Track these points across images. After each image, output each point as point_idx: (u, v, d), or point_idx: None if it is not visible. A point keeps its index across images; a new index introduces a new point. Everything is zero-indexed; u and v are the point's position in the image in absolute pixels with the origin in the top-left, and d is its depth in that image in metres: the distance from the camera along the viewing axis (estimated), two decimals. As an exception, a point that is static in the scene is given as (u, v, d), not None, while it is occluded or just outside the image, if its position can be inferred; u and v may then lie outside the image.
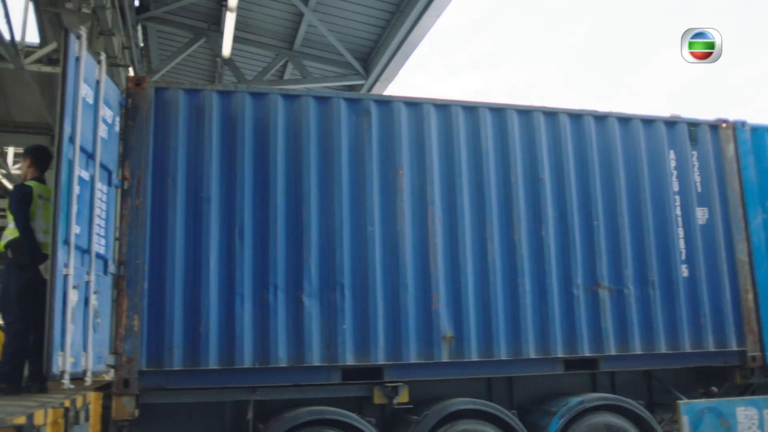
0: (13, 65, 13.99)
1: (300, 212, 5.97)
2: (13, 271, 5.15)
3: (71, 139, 4.85)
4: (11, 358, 4.99)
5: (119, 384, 5.30)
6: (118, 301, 5.50)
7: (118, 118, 5.81)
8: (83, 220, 5.01)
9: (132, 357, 5.38)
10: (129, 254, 5.56)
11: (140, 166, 5.72)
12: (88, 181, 5.15)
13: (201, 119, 5.98)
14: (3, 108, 17.47)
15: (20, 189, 5.26)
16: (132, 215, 5.63)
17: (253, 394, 5.71)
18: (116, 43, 9.06)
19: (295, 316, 5.82)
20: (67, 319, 4.60)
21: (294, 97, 6.24)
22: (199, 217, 5.80)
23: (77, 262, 4.87)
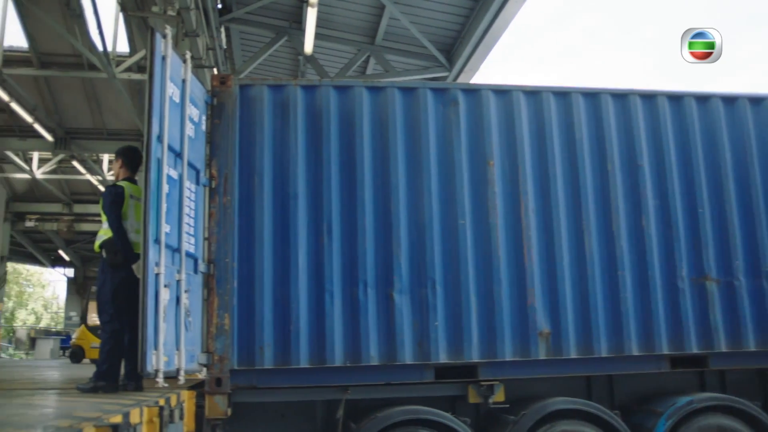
0: (105, 74, 14.51)
1: (388, 206, 5.82)
2: (108, 271, 5.20)
3: (159, 138, 4.85)
4: (108, 356, 5.03)
5: (212, 383, 5.28)
6: (209, 299, 5.49)
7: (204, 116, 5.81)
8: (173, 218, 5.00)
9: (223, 356, 5.35)
10: (218, 253, 5.54)
11: (227, 164, 5.69)
12: (177, 179, 5.14)
13: (286, 115, 5.92)
14: (97, 116, 18.15)
15: (112, 189, 5.31)
16: (220, 213, 5.61)
17: (345, 393, 5.60)
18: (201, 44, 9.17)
19: (386, 313, 5.68)
20: (160, 318, 4.59)
21: (379, 90, 6.09)
22: (287, 213, 5.74)
23: (168, 261, 4.86)
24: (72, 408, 3.66)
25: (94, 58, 14.09)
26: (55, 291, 48.79)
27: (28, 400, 4.11)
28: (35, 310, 48.24)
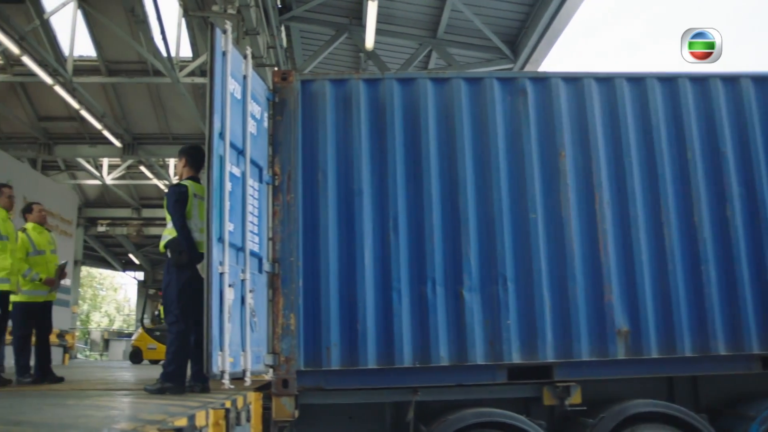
0: (169, 79, 14.72)
1: (456, 201, 5.61)
2: (173, 271, 5.14)
3: (221, 135, 4.76)
4: (174, 357, 4.97)
5: (278, 384, 5.18)
6: (274, 299, 5.39)
7: (266, 113, 5.72)
8: (236, 217, 4.91)
9: (290, 356, 5.24)
10: (283, 251, 5.44)
11: (290, 162, 5.59)
12: (240, 177, 5.05)
13: (349, 110, 5.79)
14: (162, 121, 18.46)
15: (176, 189, 5.26)
16: (284, 212, 5.50)
17: (414, 394, 5.42)
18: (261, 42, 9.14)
19: (456, 311, 5.47)
20: (225, 318, 4.49)
21: (443, 81, 5.90)
22: (352, 210, 5.60)
23: (232, 260, 4.77)
24: (137, 410, 3.59)
25: (158, 63, 14.31)
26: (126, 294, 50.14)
27: (96, 401, 4.07)
28: (108, 313, 49.66)
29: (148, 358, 18.47)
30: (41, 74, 14.47)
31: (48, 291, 6.96)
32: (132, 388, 5.44)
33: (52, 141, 19.17)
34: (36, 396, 4.74)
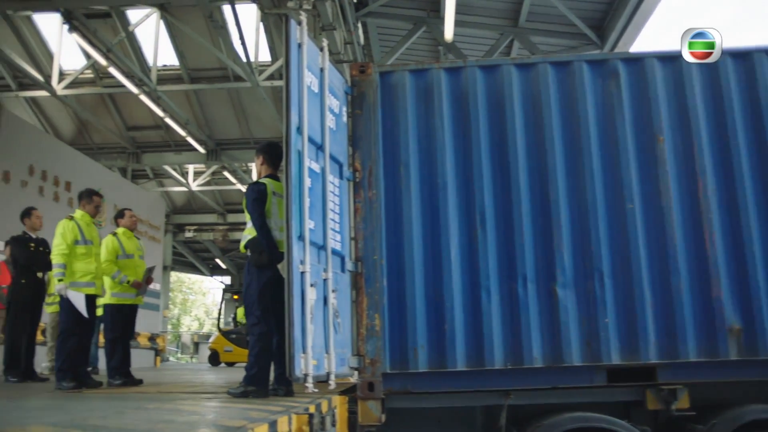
0: (249, 83, 14.86)
1: (546, 192, 5.29)
2: (253, 272, 5.01)
3: (299, 130, 4.61)
4: (256, 360, 4.84)
5: (364, 387, 4.98)
6: (358, 299, 5.20)
7: (345, 107, 5.54)
8: (317, 214, 4.74)
9: (375, 359, 5.04)
10: (365, 250, 5.25)
11: (371, 156, 5.39)
12: (319, 173, 4.88)
13: (430, 100, 5.55)
14: (244, 126, 18.69)
15: (254, 187, 5.13)
16: (366, 208, 5.31)
17: (506, 398, 5.13)
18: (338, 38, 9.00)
19: (549, 309, 5.15)
20: (307, 319, 4.32)
21: (529, 66, 5.58)
22: (436, 205, 5.35)
23: (313, 259, 4.60)
24: (218, 415, 3.45)
25: (238, 68, 14.48)
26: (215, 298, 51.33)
27: (178, 405, 3.97)
28: (198, 317, 51.00)
29: (225, 361, 18.76)
30: (128, 84, 14.87)
31: (135, 294, 7.02)
32: (216, 391, 5.35)
33: (140, 150, 19.72)
34: (121, 399, 4.70)
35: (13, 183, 11.94)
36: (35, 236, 8.02)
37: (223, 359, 18.84)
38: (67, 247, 6.32)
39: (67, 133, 19.54)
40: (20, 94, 16.99)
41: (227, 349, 18.73)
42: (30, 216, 8.10)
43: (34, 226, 8.07)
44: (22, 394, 5.59)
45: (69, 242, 6.34)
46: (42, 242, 7.93)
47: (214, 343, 19.91)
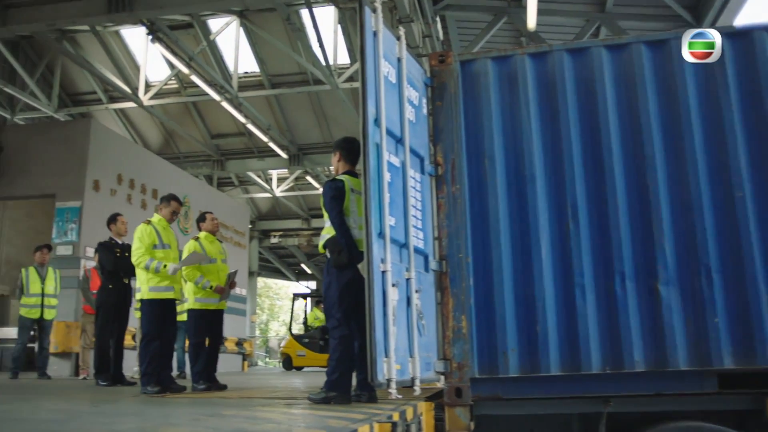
0: (329, 86, 14.83)
1: (644, 181, 4.86)
2: (332, 272, 4.81)
3: (376, 121, 4.38)
4: (337, 365, 4.62)
5: (451, 393, 4.69)
6: (443, 300, 4.92)
7: (425, 99, 5.29)
8: (397, 210, 4.50)
9: (462, 363, 4.74)
10: (450, 248, 4.96)
11: (453, 149, 5.10)
12: (399, 167, 4.64)
13: (514, 88, 5.22)
14: (325, 130, 18.70)
15: (332, 184, 4.93)
16: (449, 204, 5.02)
17: (605, 405, 4.73)
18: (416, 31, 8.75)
19: (651, 309, 4.72)
20: (389, 321, 4.08)
21: (621, 47, 5.16)
22: (524, 198, 5.01)
23: (395, 258, 4.35)
24: (295, 423, 3.25)
25: (317, 71, 14.47)
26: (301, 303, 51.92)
27: (256, 411, 3.80)
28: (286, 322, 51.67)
29: (298, 365, 18.78)
30: (210, 92, 15.09)
31: (219, 299, 6.95)
32: (298, 397, 5.18)
33: (224, 157, 20.06)
34: (201, 404, 4.59)
35: (103, 191, 12.24)
36: (121, 242, 8.11)
37: (295, 363, 18.89)
38: (146, 251, 6.30)
39: (155, 143, 20.08)
40: (109, 106, 17.56)
41: (300, 353, 18.76)
42: (116, 222, 8.22)
43: (120, 231, 8.17)
44: (108, 398, 5.57)
45: (147, 246, 6.32)
46: (127, 248, 7.96)
47: (286, 347, 19.99)
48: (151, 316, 6.28)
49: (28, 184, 12.26)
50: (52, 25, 11.40)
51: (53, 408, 4.10)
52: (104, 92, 17.47)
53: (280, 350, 21.28)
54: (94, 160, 12.01)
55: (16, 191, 12.20)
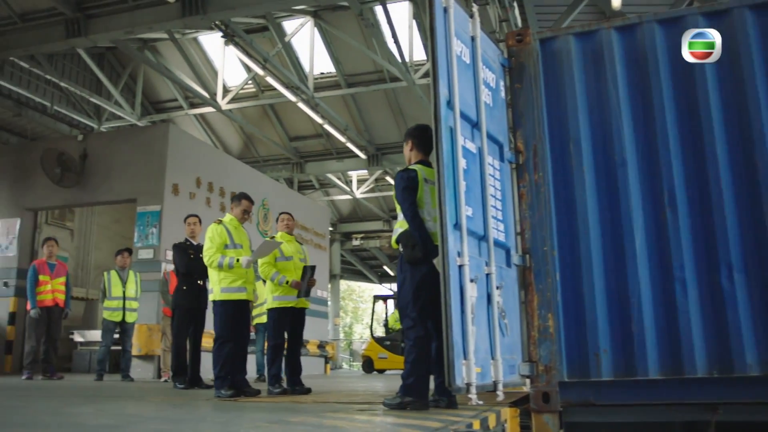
0: (405, 83, 14.55)
1: (752, 161, 4.33)
2: (406, 269, 4.48)
3: (449, 104, 4.05)
4: (413, 368, 4.29)
5: (537, 398, 4.30)
6: (527, 298, 4.53)
7: (502, 82, 4.92)
8: (475, 200, 4.15)
9: (550, 365, 4.34)
10: (533, 240, 4.57)
11: (535, 135, 4.72)
12: (476, 154, 4.29)
13: (600, 66, 4.80)
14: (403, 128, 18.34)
15: (404, 174, 4.59)
16: (532, 193, 4.64)
17: (713, 413, 4.25)
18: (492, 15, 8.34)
19: (764, 304, 4.20)
20: (468, 320, 3.74)
21: (722, 14, 4.64)
22: (614, 185, 4.58)
23: (473, 251, 4.01)
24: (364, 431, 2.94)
25: (393, 68, 14.22)
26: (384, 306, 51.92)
27: (323, 418, 3.52)
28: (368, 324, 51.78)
29: (379, 368, 18.47)
30: (286, 93, 15.07)
31: (297, 296, 6.73)
32: (374, 402, 4.89)
33: (303, 159, 20.07)
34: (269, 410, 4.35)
35: (182, 195, 12.32)
36: (195, 243, 8.02)
37: (377, 366, 18.65)
38: (217, 250, 6.15)
39: (235, 147, 20.29)
40: (189, 112, 17.83)
41: (381, 355, 18.51)
42: (186, 223, 8.15)
43: (190, 232, 8.09)
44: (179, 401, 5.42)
45: (218, 245, 6.17)
46: (201, 249, 7.91)
47: (367, 349, 19.76)
48: (225, 318, 6.11)
49: (111, 189, 12.47)
50: (129, 32, 11.55)
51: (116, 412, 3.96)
52: (185, 99, 17.76)
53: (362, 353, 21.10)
54: (172, 164, 12.11)
55: (99, 197, 12.43)
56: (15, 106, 14.29)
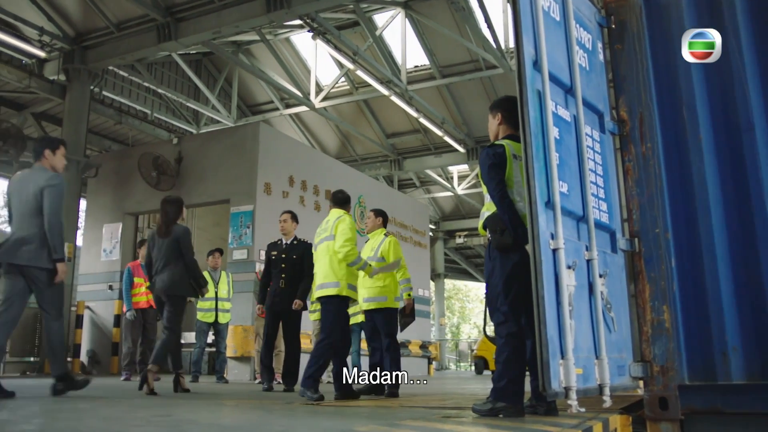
0: (501, 69, 13.96)
1: None
2: (495, 256, 3.97)
3: (536, 64, 3.51)
4: (505, 369, 3.78)
5: (653, 404, 3.68)
6: (637, 287, 3.91)
7: (600, 43, 4.32)
8: (570, 174, 3.60)
9: (667, 365, 3.71)
10: (643, 222, 3.95)
11: (641, 101, 4.09)
12: (570, 122, 3.73)
13: (717, 14, 4.10)
14: (501, 119, 17.81)
15: (490, 150, 4.06)
16: (639, 168, 4.02)
17: None
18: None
19: None
20: (565, 313, 3.20)
21: None
22: (739, 154, 3.89)
23: (569, 233, 3.46)
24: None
25: (488, 55, 13.66)
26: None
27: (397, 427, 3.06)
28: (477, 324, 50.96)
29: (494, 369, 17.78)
30: (379, 88, 14.78)
31: None
32: (466, 406, 4.40)
33: (401, 156, 19.75)
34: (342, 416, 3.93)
35: (275, 194, 12.20)
36: (287, 242, 7.75)
37: (492, 367, 17.99)
38: (355, 245, 5.94)
39: (332, 147, 20.22)
40: (284, 112, 17.86)
41: None
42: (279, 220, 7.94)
43: (281, 229, 7.85)
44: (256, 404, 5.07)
45: (355, 240, 5.98)
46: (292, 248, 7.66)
47: (480, 349, 19.09)
48: (339, 316, 5.87)
49: (205, 191, 12.52)
50: (217, 32, 11.55)
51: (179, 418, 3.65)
52: (281, 100, 17.79)
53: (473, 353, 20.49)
54: (264, 163, 12.00)
55: (194, 199, 12.48)
56: (116, 115, 14.67)
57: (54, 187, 5.29)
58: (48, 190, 5.25)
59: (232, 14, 11.12)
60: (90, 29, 12.90)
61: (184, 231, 6.48)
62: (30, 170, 5.52)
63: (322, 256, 5.98)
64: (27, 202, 5.29)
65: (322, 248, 6.00)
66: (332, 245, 5.88)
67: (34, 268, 5.22)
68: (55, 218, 5.23)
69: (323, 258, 5.95)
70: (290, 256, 7.59)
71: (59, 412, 4.02)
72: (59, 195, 5.34)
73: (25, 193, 5.31)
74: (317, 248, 6.09)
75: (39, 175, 5.36)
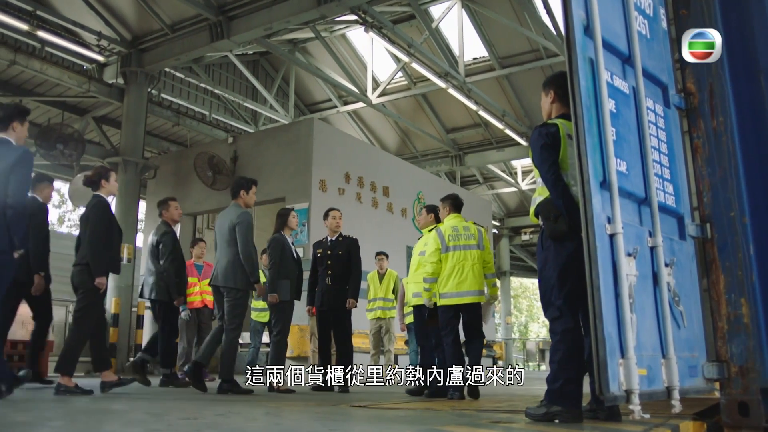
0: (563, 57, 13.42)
1: None
2: (549, 245, 3.60)
3: (587, 30, 3.15)
4: (560, 369, 3.40)
5: (731, 410, 3.26)
6: (710, 278, 3.50)
7: (662, 9, 3.91)
8: (630, 152, 3.22)
9: (747, 366, 3.28)
10: (715, 205, 3.54)
11: (710, 71, 3.67)
12: (629, 94, 3.35)
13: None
14: (565, 110, 17.25)
15: (542, 130, 3.69)
16: (710, 145, 3.60)
17: None
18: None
19: None
20: (625, 306, 2.83)
21: None
22: (825, 125, 3.44)
23: (629, 217, 3.09)
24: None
25: (549, 42, 13.19)
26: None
27: (436, 431, 2.75)
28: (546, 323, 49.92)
29: None
30: (436, 81, 14.44)
31: None
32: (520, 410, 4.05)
33: (462, 151, 19.35)
34: (382, 420, 3.63)
35: (330, 191, 12.00)
36: (333, 238, 7.53)
37: None
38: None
39: (392, 144, 19.97)
40: (341, 109, 17.70)
41: None
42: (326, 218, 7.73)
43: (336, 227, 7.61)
44: (300, 405, 4.83)
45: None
46: (337, 245, 7.45)
47: None
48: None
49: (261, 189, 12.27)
50: (268, 28, 11.43)
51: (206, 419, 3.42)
52: (338, 98, 17.64)
53: (540, 351, 19.94)
54: (318, 159, 11.82)
55: (251, 198, 12.38)
56: (174, 116, 14.75)
57: (241, 223, 6.28)
58: (238, 226, 6.25)
59: (282, 10, 10.98)
60: (146, 32, 13.00)
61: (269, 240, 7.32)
62: (228, 207, 6.58)
63: (466, 263, 6.21)
64: (223, 234, 6.35)
65: (462, 255, 6.23)
66: (481, 255, 6.28)
67: (226, 287, 6.22)
68: (245, 248, 6.22)
69: (468, 265, 6.21)
70: (335, 253, 7.40)
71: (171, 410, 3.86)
72: (248, 229, 6.36)
73: (222, 227, 6.38)
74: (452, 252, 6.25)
75: (233, 211, 6.41)
